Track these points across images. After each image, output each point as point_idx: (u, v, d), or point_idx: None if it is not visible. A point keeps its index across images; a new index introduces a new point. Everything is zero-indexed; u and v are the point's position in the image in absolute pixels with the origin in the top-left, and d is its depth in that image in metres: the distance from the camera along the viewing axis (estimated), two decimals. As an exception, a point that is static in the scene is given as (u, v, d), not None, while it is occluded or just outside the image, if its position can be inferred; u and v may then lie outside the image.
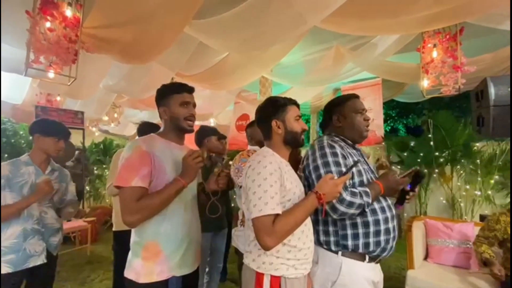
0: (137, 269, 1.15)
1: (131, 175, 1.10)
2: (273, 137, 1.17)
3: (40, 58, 1.90)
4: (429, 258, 2.35)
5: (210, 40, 2.49)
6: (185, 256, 1.21)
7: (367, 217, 1.16)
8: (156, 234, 1.16)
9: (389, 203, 1.23)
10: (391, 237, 1.18)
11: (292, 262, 1.06)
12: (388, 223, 1.18)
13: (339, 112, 1.32)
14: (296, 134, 1.16)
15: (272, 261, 1.04)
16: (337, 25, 2.31)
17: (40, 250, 1.61)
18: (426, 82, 2.67)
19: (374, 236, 1.15)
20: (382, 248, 1.16)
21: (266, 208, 0.98)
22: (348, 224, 1.17)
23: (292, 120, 1.16)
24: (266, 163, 1.05)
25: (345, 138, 1.30)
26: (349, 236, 1.17)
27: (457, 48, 2.51)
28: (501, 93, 2.34)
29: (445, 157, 3.87)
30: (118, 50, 2.41)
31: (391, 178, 1.19)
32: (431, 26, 2.42)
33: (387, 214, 1.19)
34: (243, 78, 3.49)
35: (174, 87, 1.28)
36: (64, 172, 1.85)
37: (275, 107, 1.17)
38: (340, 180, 1.07)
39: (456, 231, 2.29)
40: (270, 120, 1.16)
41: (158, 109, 1.29)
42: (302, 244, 1.08)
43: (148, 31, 2.19)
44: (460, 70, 2.49)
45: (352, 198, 1.11)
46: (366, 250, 1.16)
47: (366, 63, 3.26)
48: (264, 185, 1.00)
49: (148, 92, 3.59)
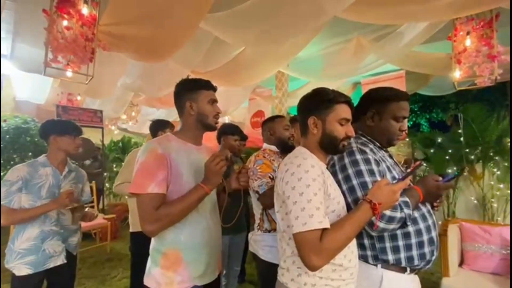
0: (157, 278, 1.10)
1: (147, 181, 1.04)
2: (309, 137, 1.02)
3: (58, 57, 1.91)
4: (465, 264, 2.16)
5: (226, 34, 2.41)
6: (207, 264, 1.15)
7: (407, 228, 1.02)
8: (177, 242, 1.10)
9: (429, 208, 1.09)
10: (435, 247, 1.05)
11: (337, 283, 0.93)
12: (431, 232, 1.04)
13: (377, 111, 1.15)
14: (335, 140, 0.98)
15: (315, 282, 0.91)
16: (360, 14, 2.17)
17: (59, 251, 1.61)
18: (458, 73, 2.48)
19: (417, 248, 1.02)
20: (427, 261, 1.04)
21: (312, 222, 0.84)
22: (386, 236, 1.03)
23: (334, 122, 0.98)
24: (307, 166, 0.90)
25: (373, 140, 1.17)
26: (388, 249, 1.02)
27: (493, 36, 2.31)
28: (544, 83, 2.13)
29: (476, 154, 3.61)
30: (134, 48, 2.39)
31: (431, 182, 1.05)
32: (464, 12, 2.22)
33: (429, 221, 1.05)
34: (259, 73, 3.40)
35: (202, 83, 1.20)
36: (81, 172, 1.85)
37: (319, 101, 1.00)
38: (398, 186, 0.90)
39: (495, 235, 2.09)
40: (307, 116, 1.00)
41: (180, 103, 1.20)
42: (348, 262, 0.94)
43: (163, 27, 2.14)
44: (497, 60, 2.28)
45: (392, 212, 0.96)
46: (410, 264, 1.02)
47: (390, 55, 3.07)
48: (307, 194, 0.86)
49: (164, 90, 3.59)
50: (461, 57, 2.43)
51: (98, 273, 3.19)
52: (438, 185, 1.04)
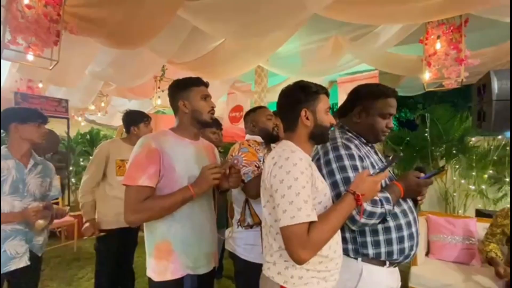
0: (153, 267, 1.17)
1: (138, 174, 1.09)
2: (298, 129, 1.00)
3: (17, 38, 1.72)
4: (431, 254, 2.33)
5: (205, 24, 2.33)
6: (198, 256, 1.20)
7: (388, 223, 1.05)
8: (167, 234, 1.15)
9: (410, 205, 1.12)
10: (415, 242, 1.09)
11: (323, 274, 0.93)
12: (411, 228, 1.08)
13: (364, 107, 1.15)
14: (325, 129, 1.01)
15: (301, 275, 0.91)
16: (340, 13, 2.20)
17: (22, 252, 1.47)
18: (428, 75, 2.61)
19: (397, 243, 1.05)
20: (406, 255, 1.07)
21: (300, 215, 0.83)
22: (367, 231, 1.05)
23: (323, 112, 1.00)
24: (296, 159, 0.89)
25: (359, 136, 1.18)
26: (369, 243, 1.05)
27: (461, 40, 2.45)
28: (504, 87, 2.31)
29: (441, 151, 3.87)
30: (105, 33, 2.22)
31: (412, 179, 1.07)
32: (435, 16, 2.33)
33: (409, 217, 1.09)
34: (239, 67, 3.34)
35: (192, 80, 1.24)
36: (48, 166, 1.70)
37: (307, 93, 1.00)
38: (379, 177, 0.93)
39: (458, 226, 2.26)
40: (299, 108, 0.99)
41: (174, 103, 1.25)
42: (333, 252, 0.95)
43: (138, 12, 2.01)
44: (464, 63, 2.43)
45: (373, 207, 0.98)
46: (389, 258, 1.05)
47: (365, 55, 3.17)
48: (295, 187, 0.85)
49: (137, 80, 3.40)
50: (431, 59, 2.56)
51: (63, 274, 2.99)
52: (418, 181, 1.07)
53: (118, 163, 2.03)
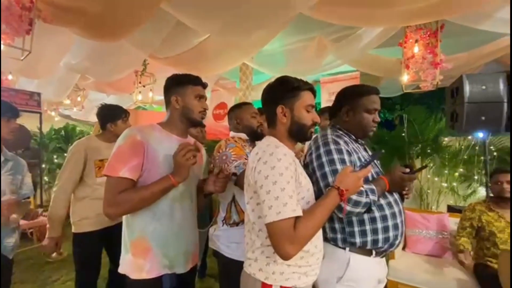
0: (128, 264, 1.14)
1: (120, 165, 1.06)
2: (277, 126, 1.03)
3: (-15, 26, 1.60)
4: (407, 248, 2.44)
5: (190, 19, 2.27)
6: (176, 256, 1.17)
7: (374, 213, 1.11)
8: (145, 231, 1.13)
9: (396, 198, 1.19)
10: (400, 232, 1.15)
11: (304, 269, 0.96)
12: (396, 218, 1.14)
13: (350, 106, 1.22)
14: (304, 126, 1.01)
15: (283, 271, 0.93)
16: (324, 13, 2.23)
17: (-11, 254, 1.37)
18: (406, 77, 2.72)
19: (382, 232, 1.10)
20: (390, 243, 1.13)
21: (286, 210, 0.84)
22: (355, 221, 1.11)
23: (302, 109, 1.00)
24: (280, 155, 0.89)
25: (349, 133, 1.24)
26: (356, 233, 1.10)
27: (437, 45, 2.57)
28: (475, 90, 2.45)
29: (417, 150, 4.05)
30: (82, 24, 2.11)
31: (397, 173, 1.13)
32: (414, 20, 2.43)
33: (394, 209, 1.15)
34: (223, 64, 3.31)
35: (190, 78, 1.23)
36: (20, 162, 1.62)
37: (285, 90, 1.01)
38: (362, 173, 0.96)
39: (432, 222, 2.39)
40: (275, 104, 1.01)
41: (167, 97, 1.23)
42: (315, 247, 0.98)
43: (119, 2, 1.93)
44: (439, 67, 2.56)
45: (358, 197, 1.03)
46: (374, 246, 1.11)
47: (347, 56, 3.24)
48: (280, 182, 0.86)
49: (116, 74, 3.27)
50: (409, 62, 2.67)
51: (36, 277, 2.83)
52: (402, 176, 1.13)
53: (97, 164, 1.86)
